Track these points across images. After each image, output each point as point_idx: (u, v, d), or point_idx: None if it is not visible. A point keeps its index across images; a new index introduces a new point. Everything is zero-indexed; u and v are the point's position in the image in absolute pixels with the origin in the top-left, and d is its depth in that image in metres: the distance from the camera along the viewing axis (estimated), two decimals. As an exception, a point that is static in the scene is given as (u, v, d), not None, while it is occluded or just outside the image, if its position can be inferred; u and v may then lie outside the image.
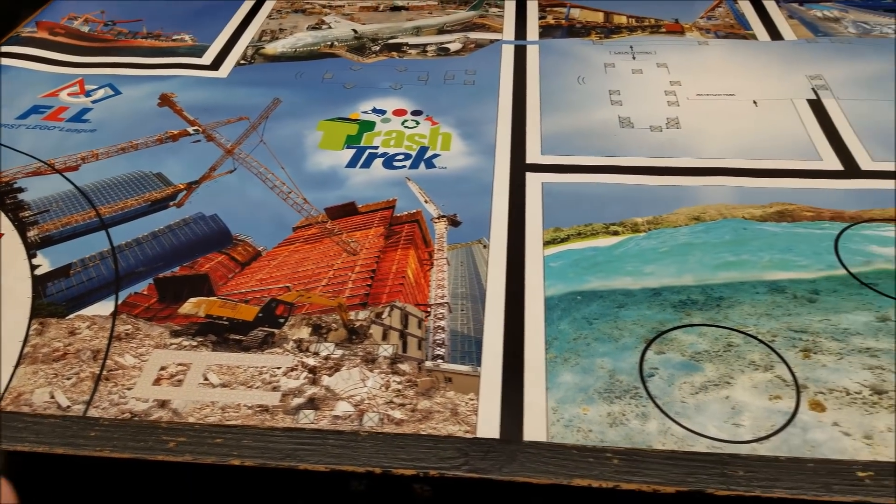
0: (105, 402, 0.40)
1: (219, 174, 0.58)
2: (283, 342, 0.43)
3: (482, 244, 0.50)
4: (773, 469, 0.31)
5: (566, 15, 0.79)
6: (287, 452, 0.32)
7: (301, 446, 0.33)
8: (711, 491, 0.30)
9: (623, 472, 0.31)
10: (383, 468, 0.31)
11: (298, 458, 0.32)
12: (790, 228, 0.50)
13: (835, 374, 0.40)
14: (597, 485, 0.30)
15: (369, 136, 0.61)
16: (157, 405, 0.40)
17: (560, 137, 0.60)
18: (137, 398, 0.40)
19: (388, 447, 0.33)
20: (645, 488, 0.30)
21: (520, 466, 0.31)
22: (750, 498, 0.30)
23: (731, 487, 0.30)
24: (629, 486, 0.30)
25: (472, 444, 0.33)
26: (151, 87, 0.70)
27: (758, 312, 0.44)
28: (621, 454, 0.32)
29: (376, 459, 0.32)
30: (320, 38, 0.76)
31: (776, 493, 0.30)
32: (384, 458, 0.32)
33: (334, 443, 0.33)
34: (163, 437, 0.34)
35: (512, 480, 0.30)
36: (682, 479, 0.31)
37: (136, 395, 0.40)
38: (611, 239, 0.50)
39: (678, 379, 0.40)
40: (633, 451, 0.32)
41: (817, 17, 0.77)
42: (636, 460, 0.31)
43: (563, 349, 0.42)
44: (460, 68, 0.71)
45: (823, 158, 0.56)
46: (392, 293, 0.47)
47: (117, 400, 0.40)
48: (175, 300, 0.47)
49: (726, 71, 0.67)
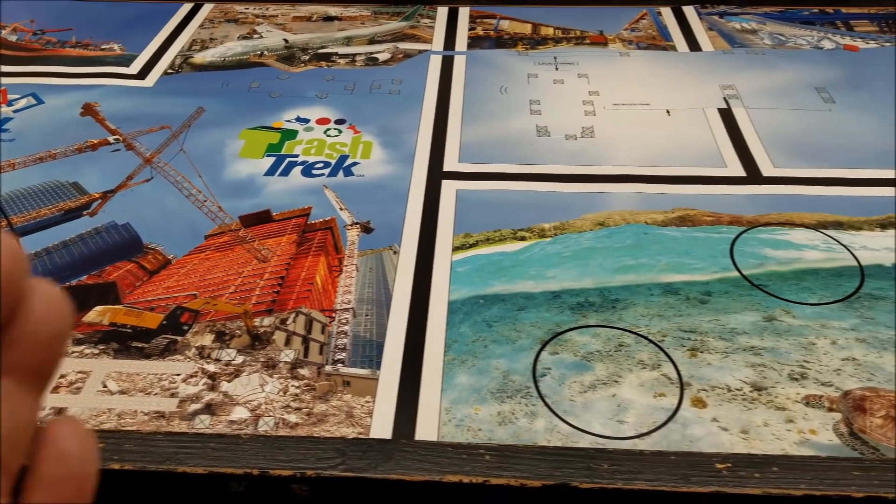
0: None
1: (135, 183, 0.58)
2: (186, 349, 0.44)
3: (393, 250, 0.51)
4: (637, 462, 0.32)
5: (495, 26, 0.81)
6: (167, 456, 0.33)
7: (181, 450, 0.33)
8: (576, 484, 0.31)
9: (493, 467, 0.32)
10: (261, 469, 0.32)
11: (178, 461, 0.32)
12: (689, 233, 0.52)
13: (718, 372, 0.42)
14: (467, 480, 0.31)
15: (290, 144, 0.62)
16: (53, 413, 0.40)
17: (479, 146, 0.61)
18: (35, 407, 0.40)
19: (268, 449, 0.33)
20: (513, 482, 0.31)
21: (395, 465, 0.32)
22: (613, 490, 0.31)
23: (595, 480, 0.31)
24: (498, 480, 0.31)
25: (350, 444, 0.33)
26: (76, 96, 0.69)
27: (650, 313, 0.45)
28: (494, 451, 0.33)
29: (255, 461, 0.32)
30: (250, 47, 0.77)
31: (637, 486, 0.31)
32: (262, 460, 0.32)
33: (215, 446, 0.33)
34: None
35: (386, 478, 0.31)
36: (549, 474, 0.32)
37: (34, 404, 0.40)
38: (518, 244, 0.51)
39: (569, 378, 0.41)
40: (505, 447, 0.33)
41: (735, 28, 0.80)
42: (507, 456, 0.32)
43: (462, 351, 0.43)
44: (387, 78, 0.72)
45: (728, 165, 0.58)
46: (299, 299, 0.47)
47: (11, 409, 0.40)
48: (81, 308, 0.47)
49: (644, 81, 0.70)
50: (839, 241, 0.50)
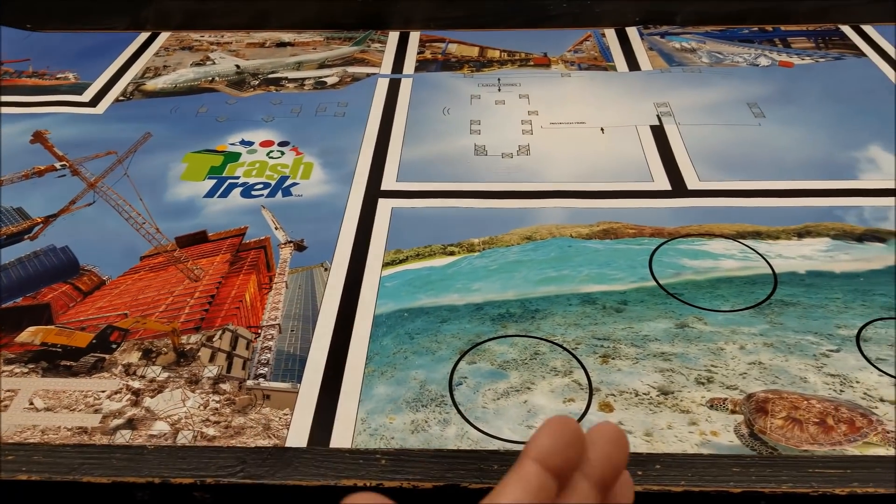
0: (-79, 430, 0.41)
1: (77, 207, 0.59)
2: (113, 366, 0.45)
3: (324, 267, 0.52)
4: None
5: (443, 50, 0.83)
6: (73, 467, 0.34)
7: (87, 461, 0.34)
8: (466, 485, 0.32)
9: (388, 471, 0.33)
10: (163, 478, 0.33)
11: (83, 471, 0.33)
12: (612, 245, 0.53)
13: (628, 378, 0.43)
14: (362, 483, 0.32)
15: (233, 166, 0.63)
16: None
17: (417, 165, 0.63)
18: (-39, 426, 0.41)
19: (171, 459, 0.34)
20: (405, 485, 0.32)
21: (293, 471, 0.33)
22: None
23: (485, 480, 0.32)
24: (392, 483, 0.32)
25: (251, 452, 0.34)
26: (28, 124, 0.71)
27: (567, 323, 0.47)
28: (390, 455, 0.34)
29: (157, 470, 0.33)
30: (202, 73, 0.79)
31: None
32: (165, 469, 0.33)
33: (120, 456, 0.34)
34: (-41, 457, 0.35)
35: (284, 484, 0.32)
36: (441, 475, 0.33)
37: (-39, 422, 0.41)
38: (446, 259, 0.53)
39: (483, 386, 0.43)
40: (401, 451, 0.34)
41: (675, 48, 0.82)
42: (402, 460, 0.34)
43: (382, 363, 0.44)
44: (333, 100, 0.74)
45: (655, 179, 0.60)
46: (227, 317, 0.48)
47: (-65, 428, 0.41)
48: (14, 329, 0.48)
49: (581, 100, 0.72)
50: (756, 251, 0.52)
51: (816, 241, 0.52)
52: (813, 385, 0.42)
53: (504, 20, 0.89)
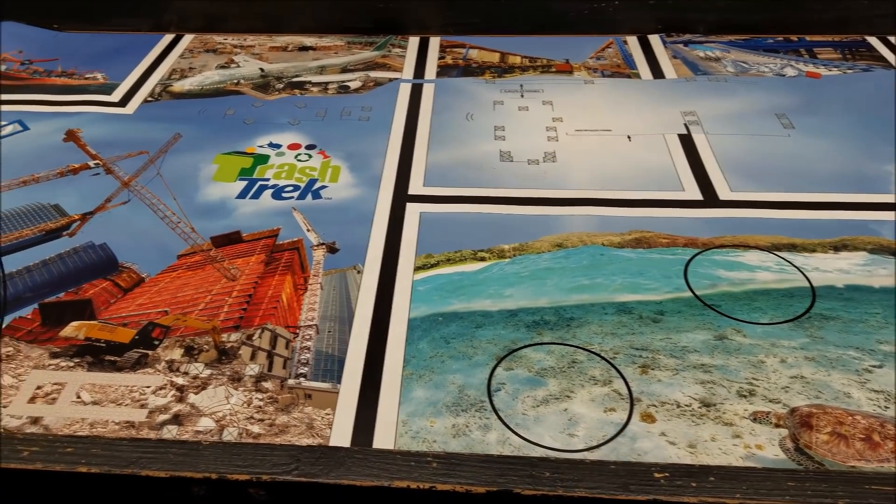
0: (-22, 420, 0.41)
1: (113, 205, 0.60)
2: (156, 363, 0.45)
3: (356, 270, 0.53)
4: (577, 471, 0.34)
5: (464, 55, 0.84)
6: (131, 460, 0.34)
7: (144, 455, 0.34)
8: (518, 490, 0.33)
9: (440, 474, 0.33)
10: (219, 474, 0.33)
11: (141, 465, 0.34)
12: (645, 254, 0.54)
13: (668, 389, 0.43)
14: (415, 486, 0.33)
15: (262, 168, 0.64)
16: (29, 421, 0.41)
17: (443, 169, 0.63)
18: (11, 415, 0.42)
19: (226, 455, 0.35)
20: (458, 488, 0.33)
21: (346, 471, 0.34)
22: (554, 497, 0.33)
23: (537, 487, 0.33)
24: (444, 486, 0.33)
25: (304, 451, 0.35)
26: (59, 123, 0.71)
27: (604, 332, 0.47)
28: (440, 458, 0.34)
29: (213, 466, 0.34)
30: (227, 76, 0.79)
31: (577, 493, 0.33)
32: (221, 465, 0.34)
33: (176, 451, 0.35)
34: (18, 447, 0.35)
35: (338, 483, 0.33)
36: (493, 480, 0.33)
37: (11, 412, 0.42)
38: (477, 264, 0.53)
39: (522, 393, 0.43)
40: (451, 455, 0.35)
41: (699, 56, 0.83)
42: (453, 463, 0.34)
43: (420, 366, 0.45)
44: (357, 105, 0.74)
45: (686, 189, 0.61)
46: (265, 316, 0.49)
47: (-9, 417, 0.42)
48: (57, 324, 0.48)
49: (607, 108, 0.72)
50: (792, 263, 0.52)
51: (853, 255, 0.53)
52: (857, 401, 0.42)
53: (523, 26, 0.89)
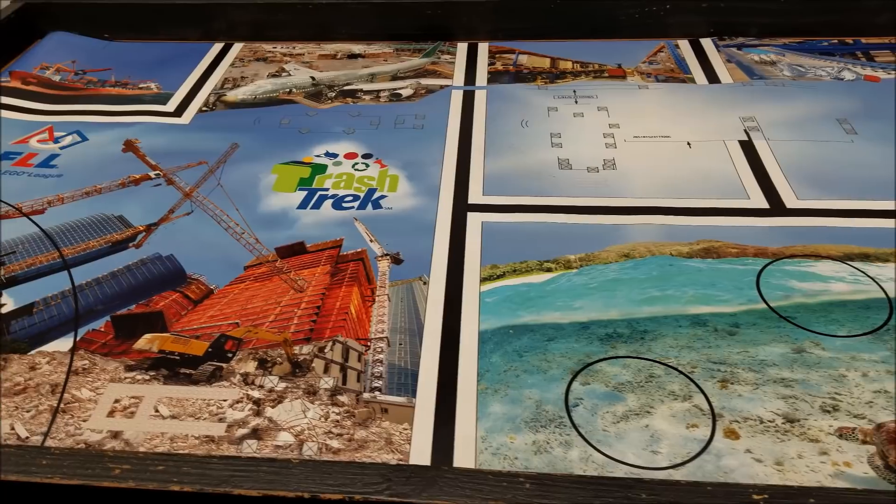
0: (62, 433, 0.42)
1: (177, 216, 0.60)
2: (231, 376, 0.45)
3: (422, 281, 0.52)
4: (673, 492, 0.33)
5: (514, 61, 0.84)
6: (223, 479, 0.34)
7: (236, 473, 0.35)
8: (614, 511, 0.32)
9: (534, 495, 0.33)
10: (311, 493, 0.33)
11: (233, 483, 0.34)
12: (714, 265, 0.53)
13: (750, 404, 0.42)
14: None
15: (321, 178, 0.64)
16: (110, 436, 0.42)
17: (501, 178, 0.63)
18: (92, 429, 0.42)
19: (317, 474, 0.35)
20: (554, 510, 0.32)
21: (438, 490, 0.33)
22: (650, 517, 0.32)
23: (633, 509, 0.32)
24: (539, 508, 0.32)
25: (395, 469, 0.35)
26: (117, 133, 0.72)
27: (679, 345, 0.46)
28: (533, 479, 0.34)
29: (305, 485, 0.34)
30: (279, 85, 0.80)
31: (674, 514, 0.32)
32: (313, 484, 0.34)
33: (267, 469, 0.35)
34: (108, 465, 0.36)
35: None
36: (588, 502, 0.33)
37: (91, 426, 0.43)
38: (544, 275, 0.53)
39: (601, 408, 0.43)
40: (544, 476, 0.34)
41: (754, 60, 0.81)
42: (547, 484, 0.34)
43: (494, 381, 0.44)
44: (410, 113, 0.74)
45: (751, 197, 0.59)
46: (335, 328, 0.49)
47: (73, 431, 0.42)
48: (130, 336, 0.49)
49: (663, 114, 0.71)
50: (866, 273, 0.51)
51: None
52: (945, 415, 0.41)
53: (572, 31, 0.88)
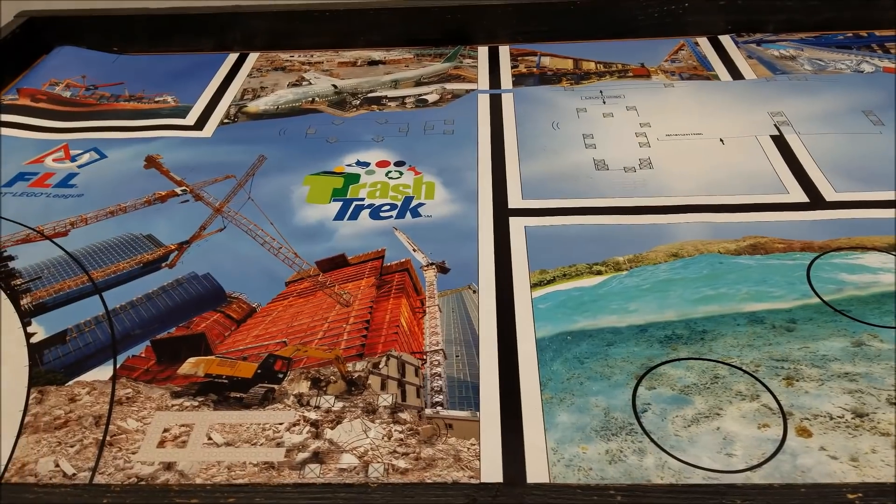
0: (111, 467, 0.40)
1: (209, 233, 0.59)
2: (284, 397, 0.44)
3: (471, 289, 0.51)
4: (768, 497, 0.33)
5: (537, 63, 0.83)
6: (301, 508, 0.33)
7: (312, 501, 0.33)
8: (711, 521, 0.31)
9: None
10: (395, 518, 0.32)
11: (312, 512, 0.33)
12: (763, 261, 0.52)
13: (817, 400, 0.42)
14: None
15: (355, 188, 0.63)
16: (162, 468, 0.40)
17: (539, 181, 0.62)
18: (143, 462, 0.41)
19: (398, 497, 0.33)
20: (650, 523, 0.31)
21: (527, 508, 0.32)
22: (747, 526, 0.31)
23: (729, 517, 0.32)
24: (633, 521, 0.32)
25: (479, 489, 0.34)
26: (136, 149, 0.71)
27: (740, 344, 0.46)
28: (623, 491, 0.33)
29: (387, 510, 0.33)
30: (301, 94, 0.79)
31: (773, 520, 0.31)
32: (395, 509, 0.33)
33: (344, 496, 0.34)
34: (175, 500, 0.34)
35: (520, 522, 0.31)
36: (683, 512, 0.32)
37: (141, 458, 0.41)
38: (595, 279, 0.52)
39: (670, 413, 0.42)
40: (634, 486, 0.33)
41: (774, 55, 0.81)
42: (638, 496, 0.33)
43: (558, 389, 0.44)
44: (439, 118, 0.73)
45: (790, 192, 0.59)
46: (387, 342, 0.48)
47: (122, 465, 0.40)
48: (173, 361, 0.47)
49: (693, 111, 0.71)
50: (914, 263, 0.51)
51: None
52: None
53: (591, 32, 0.88)
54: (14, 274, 0.55)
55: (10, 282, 0.54)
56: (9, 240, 0.58)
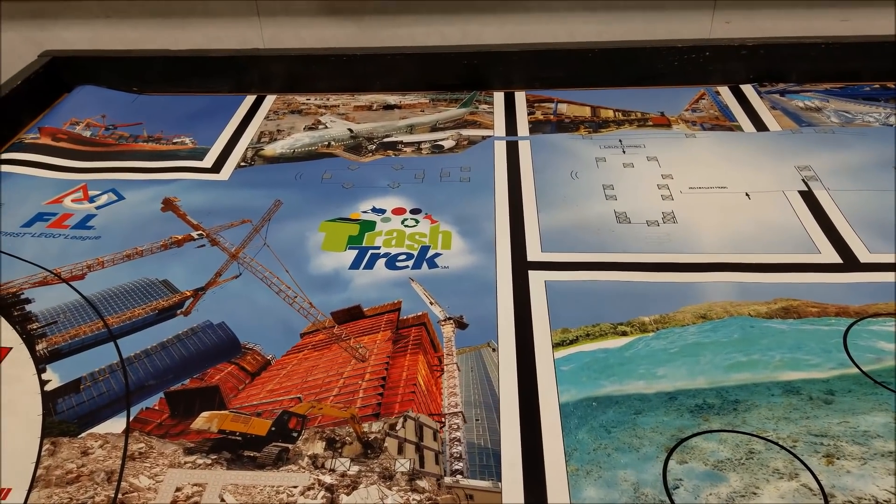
0: (115, 532, 0.38)
1: (224, 280, 0.58)
2: (299, 458, 0.42)
3: (491, 347, 0.50)
4: None
5: (554, 110, 0.82)
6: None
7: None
8: None
9: None
10: None
11: None
12: (797, 325, 0.50)
13: (860, 482, 0.39)
14: None
15: (370, 235, 0.62)
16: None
17: (558, 233, 0.61)
18: (149, 524, 0.39)
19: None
20: None
21: None
22: None
23: None
24: None
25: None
26: (154, 191, 0.70)
27: (776, 416, 0.44)
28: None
29: None
30: (317, 138, 0.78)
31: None
32: None
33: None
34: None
35: None
36: None
37: (149, 521, 0.39)
38: (620, 340, 0.50)
39: (703, 490, 0.39)
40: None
41: (799, 107, 0.80)
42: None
43: (584, 461, 0.41)
44: (455, 165, 0.72)
45: (821, 251, 0.57)
46: (404, 402, 0.46)
47: (127, 530, 0.39)
48: (187, 414, 0.46)
49: (716, 163, 0.69)
50: (955, 331, 0.49)
51: None
52: None
53: (609, 79, 0.87)
54: (31, 318, 0.54)
55: (26, 326, 0.53)
56: (26, 282, 0.57)
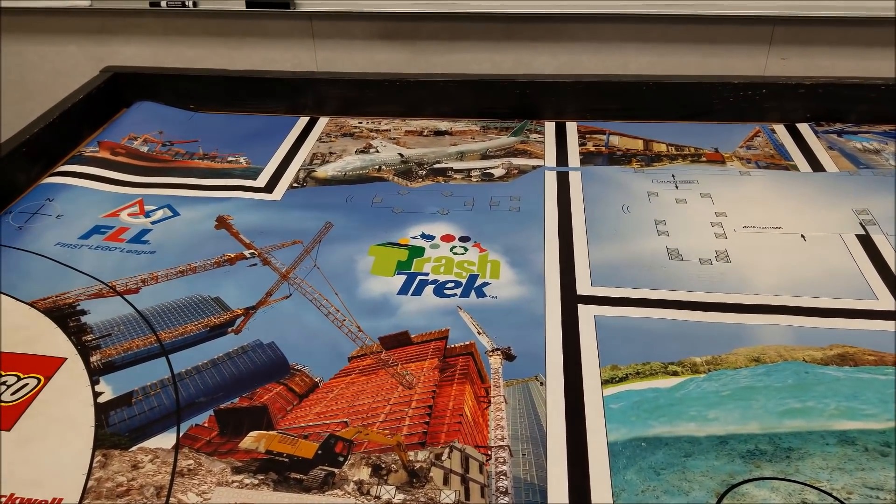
0: (164, 547, 0.39)
1: (275, 299, 0.59)
2: (344, 483, 0.43)
3: (538, 381, 0.50)
4: None
5: (606, 142, 0.82)
6: None
7: None
8: None
9: None
10: None
11: None
12: (853, 373, 0.49)
13: (920, 540, 0.38)
14: None
15: (419, 261, 0.62)
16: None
17: (609, 268, 0.60)
18: (195, 542, 0.39)
19: None
20: None
21: None
22: None
23: None
24: None
25: None
26: (208, 208, 0.72)
27: (830, 466, 0.42)
28: None
29: None
30: (368, 161, 0.79)
31: None
32: None
33: None
34: None
35: None
36: None
37: (194, 538, 0.40)
38: (671, 380, 0.49)
39: (755, 540, 0.39)
40: None
41: (857, 148, 0.79)
42: None
43: (632, 502, 0.41)
44: (505, 194, 0.73)
45: (879, 298, 0.56)
46: (450, 432, 0.46)
47: (176, 545, 0.39)
48: (235, 433, 0.46)
49: (771, 203, 0.69)
50: None
51: None
52: None
53: (662, 112, 0.87)
54: (86, 329, 0.55)
55: (81, 337, 0.54)
56: (82, 293, 0.59)
